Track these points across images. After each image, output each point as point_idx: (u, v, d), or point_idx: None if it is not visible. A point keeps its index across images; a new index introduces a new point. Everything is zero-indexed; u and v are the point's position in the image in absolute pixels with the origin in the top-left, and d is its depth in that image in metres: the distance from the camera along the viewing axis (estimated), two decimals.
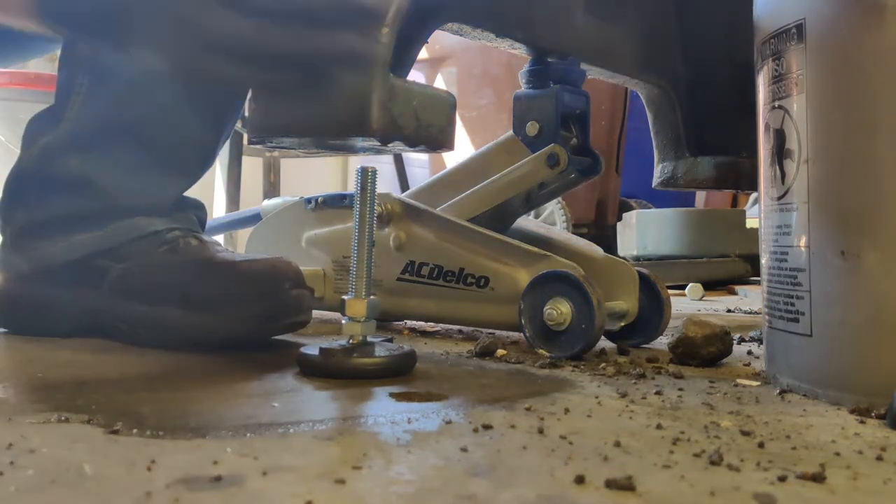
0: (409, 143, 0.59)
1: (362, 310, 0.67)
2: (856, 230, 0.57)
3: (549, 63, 0.90)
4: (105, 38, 0.82)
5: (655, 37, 1.01)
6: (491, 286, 0.86)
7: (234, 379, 0.65)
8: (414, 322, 1.04)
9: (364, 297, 0.67)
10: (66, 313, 0.85)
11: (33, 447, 0.43)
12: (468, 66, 2.43)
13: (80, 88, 0.85)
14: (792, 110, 0.62)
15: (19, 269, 0.87)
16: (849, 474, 0.42)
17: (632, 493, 0.38)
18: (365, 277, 0.67)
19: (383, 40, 0.55)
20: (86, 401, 0.55)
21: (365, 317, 0.67)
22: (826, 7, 0.59)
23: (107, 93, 0.84)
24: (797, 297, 0.61)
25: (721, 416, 0.55)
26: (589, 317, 0.76)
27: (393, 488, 0.38)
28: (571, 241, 0.94)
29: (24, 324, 0.87)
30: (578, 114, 0.93)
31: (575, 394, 0.61)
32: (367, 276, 0.67)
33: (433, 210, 0.91)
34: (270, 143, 0.59)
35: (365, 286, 0.67)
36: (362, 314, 0.67)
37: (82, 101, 0.85)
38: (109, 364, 0.70)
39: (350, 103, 0.55)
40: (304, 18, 0.60)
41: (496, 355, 0.78)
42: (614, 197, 2.47)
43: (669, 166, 1.07)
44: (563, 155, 0.87)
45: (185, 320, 0.77)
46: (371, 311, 0.67)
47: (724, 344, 0.77)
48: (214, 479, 0.38)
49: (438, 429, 0.50)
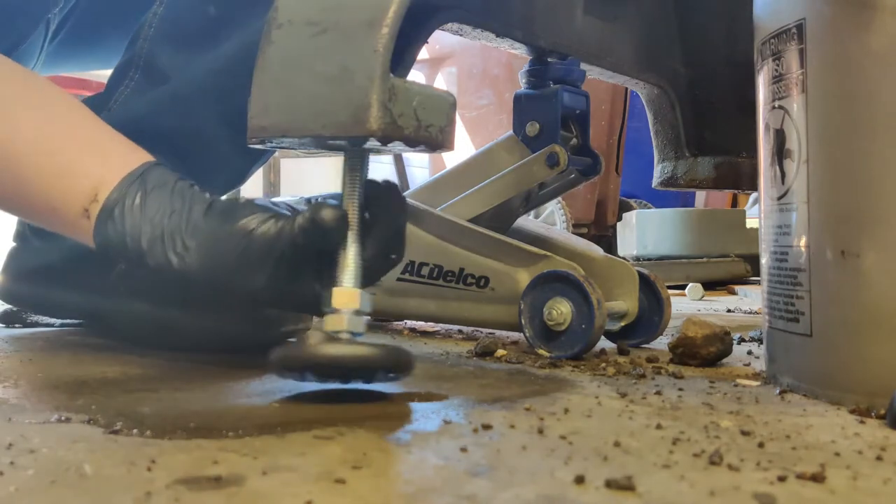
0: (408, 144, 0.59)
1: (348, 300, 0.57)
2: (856, 230, 0.57)
3: (549, 63, 0.90)
4: (168, 39, 0.84)
5: (655, 37, 1.01)
6: (491, 286, 0.86)
7: (234, 379, 0.65)
8: (414, 322, 1.04)
9: (350, 287, 0.58)
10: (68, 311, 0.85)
11: (33, 447, 0.43)
12: (468, 66, 2.43)
13: (129, 82, 0.85)
14: (792, 110, 0.62)
15: (26, 264, 0.87)
16: (849, 474, 0.42)
17: (632, 493, 0.38)
18: (352, 266, 0.59)
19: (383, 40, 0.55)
20: (86, 401, 0.55)
21: (352, 308, 0.57)
22: (826, 7, 0.59)
23: (153, 94, 0.85)
24: (797, 297, 0.61)
25: (721, 416, 0.55)
26: (589, 317, 0.76)
27: (393, 488, 0.38)
28: (571, 241, 0.94)
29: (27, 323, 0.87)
30: (578, 114, 0.93)
31: (575, 394, 0.61)
32: (356, 263, 0.59)
33: (433, 210, 0.91)
34: (270, 143, 0.59)
35: (352, 275, 0.58)
36: (349, 305, 0.57)
37: (128, 95, 0.85)
38: (110, 364, 0.70)
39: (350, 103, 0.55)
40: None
41: (496, 355, 0.78)
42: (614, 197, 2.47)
43: (669, 166, 1.07)
44: (563, 155, 0.87)
45: (187, 322, 0.77)
46: (361, 303, 0.58)
47: (724, 344, 0.77)
48: (214, 479, 0.38)
49: (438, 429, 0.50)
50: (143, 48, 0.85)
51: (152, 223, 0.59)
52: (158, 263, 0.59)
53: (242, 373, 0.67)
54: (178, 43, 0.85)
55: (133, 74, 0.86)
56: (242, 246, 0.58)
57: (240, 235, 0.58)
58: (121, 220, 0.60)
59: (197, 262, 0.59)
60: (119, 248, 0.60)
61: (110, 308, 0.82)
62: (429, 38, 0.72)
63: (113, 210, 0.60)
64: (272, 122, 0.57)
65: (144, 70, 0.85)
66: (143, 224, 0.59)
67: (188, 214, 0.59)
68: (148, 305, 0.79)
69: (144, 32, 0.85)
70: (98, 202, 0.60)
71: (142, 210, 0.59)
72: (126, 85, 0.86)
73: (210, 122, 0.83)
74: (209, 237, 0.58)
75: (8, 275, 0.89)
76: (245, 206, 0.60)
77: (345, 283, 0.58)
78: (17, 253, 0.89)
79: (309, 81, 0.56)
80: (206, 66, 0.83)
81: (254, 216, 0.59)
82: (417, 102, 0.57)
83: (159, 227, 0.59)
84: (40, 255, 0.86)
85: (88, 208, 0.60)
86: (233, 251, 0.58)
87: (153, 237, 0.59)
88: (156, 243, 0.59)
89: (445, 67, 2.48)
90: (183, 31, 0.85)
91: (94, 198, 0.60)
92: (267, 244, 0.58)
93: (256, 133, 0.58)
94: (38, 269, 0.86)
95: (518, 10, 0.82)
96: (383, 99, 0.55)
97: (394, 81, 0.55)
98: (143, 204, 0.60)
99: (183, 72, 0.84)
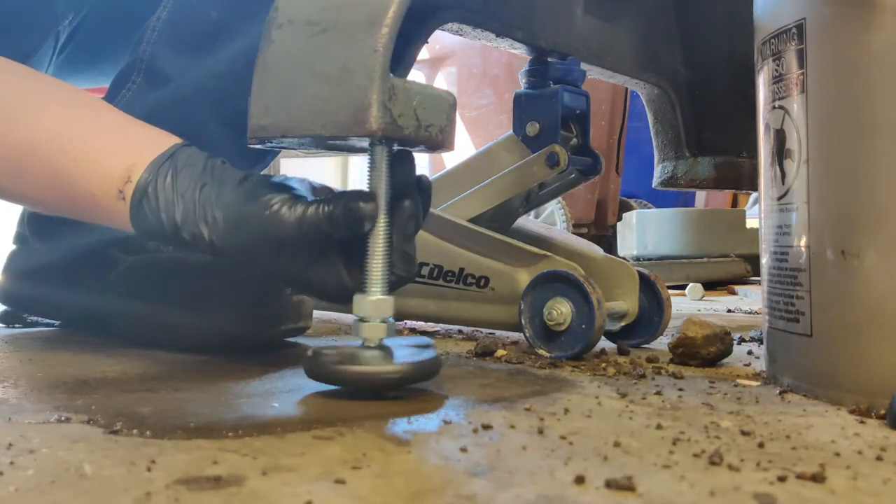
0: (408, 143, 0.59)
1: (372, 309, 0.59)
2: (856, 230, 0.57)
3: (549, 63, 0.90)
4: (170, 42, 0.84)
5: (655, 36, 1.01)
6: (491, 286, 0.86)
7: (234, 379, 0.65)
8: (414, 322, 1.04)
9: (378, 295, 0.59)
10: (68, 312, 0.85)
11: (33, 447, 0.43)
12: (468, 66, 2.43)
13: (131, 85, 0.86)
14: (792, 110, 0.62)
15: (26, 265, 0.87)
16: (849, 474, 0.42)
17: (632, 493, 0.38)
18: (381, 271, 0.59)
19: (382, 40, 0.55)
20: (86, 401, 0.55)
21: (376, 317, 0.59)
22: (826, 7, 0.59)
23: (154, 96, 0.85)
24: (797, 298, 0.61)
25: (721, 416, 0.55)
26: (589, 317, 0.76)
27: (392, 488, 0.38)
28: (571, 241, 0.94)
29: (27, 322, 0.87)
30: (579, 114, 0.93)
31: (575, 394, 0.61)
32: (385, 270, 0.59)
33: (433, 210, 0.91)
34: (270, 142, 0.59)
35: (380, 282, 0.59)
36: (374, 314, 0.59)
37: (130, 98, 0.86)
38: (109, 364, 0.70)
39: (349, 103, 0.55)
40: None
41: (496, 355, 0.78)
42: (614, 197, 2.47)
43: (669, 166, 1.06)
44: (563, 155, 0.87)
45: (186, 321, 0.77)
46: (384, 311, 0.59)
47: (725, 344, 0.77)
48: (214, 479, 0.38)
49: (438, 429, 0.50)
50: (145, 52, 0.86)
51: (184, 198, 0.60)
52: (192, 235, 0.60)
53: (242, 373, 0.67)
54: (181, 46, 0.85)
55: (135, 78, 0.86)
56: (267, 224, 0.58)
57: (266, 214, 0.58)
58: (154, 197, 0.61)
59: (224, 235, 0.59)
60: (155, 226, 0.61)
61: (110, 308, 0.82)
62: (429, 37, 0.72)
63: (146, 189, 0.61)
64: (272, 122, 0.57)
65: (146, 73, 0.85)
66: (175, 199, 0.60)
67: (219, 188, 0.60)
68: (148, 305, 0.79)
69: (147, 36, 0.86)
70: (132, 183, 0.61)
71: (174, 187, 0.61)
72: (128, 88, 0.86)
73: (211, 125, 0.83)
74: (236, 212, 0.59)
75: (8, 276, 0.89)
76: (277, 185, 0.60)
77: (373, 291, 0.59)
78: (16, 255, 0.90)
79: (309, 81, 0.56)
80: (208, 70, 0.84)
81: (283, 196, 0.59)
82: (417, 102, 0.57)
83: (191, 200, 0.60)
84: (40, 256, 0.87)
85: (123, 189, 0.62)
86: (257, 229, 0.59)
87: (185, 210, 0.60)
88: (188, 216, 0.60)
89: (445, 67, 2.48)
90: (185, 35, 0.86)
91: (128, 179, 0.62)
92: (293, 226, 0.58)
93: (256, 133, 0.58)
94: (37, 270, 0.86)
95: (518, 9, 0.82)
96: (383, 99, 0.54)
97: (394, 81, 0.55)
98: (175, 181, 0.61)
99: (185, 75, 0.84)
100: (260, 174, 0.64)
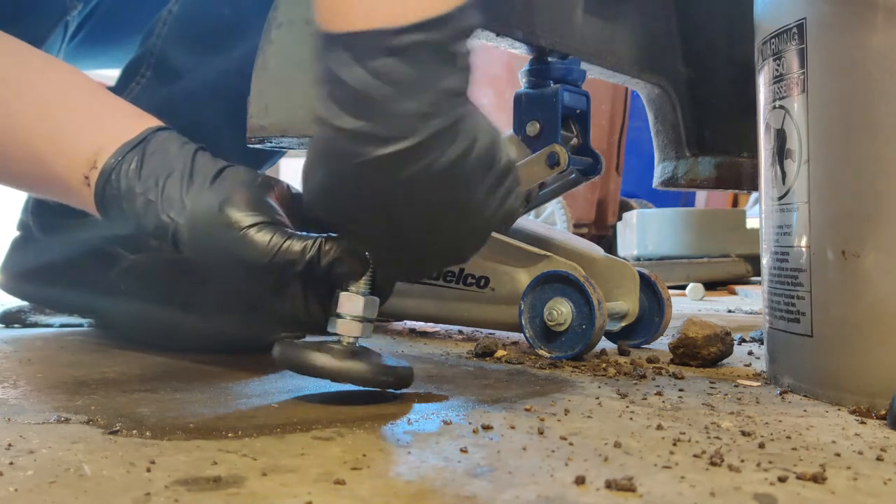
0: None
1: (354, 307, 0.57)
2: (856, 230, 0.57)
3: (550, 62, 0.90)
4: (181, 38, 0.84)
5: (656, 36, 1.01)
6: (491, 286, 0.86)
7: (234, 379, 0.65)
8: (414, 322, 1.04)
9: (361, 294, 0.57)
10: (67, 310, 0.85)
11: (33, 447, 0.43)
12: None
13: (140, 79, 0.85)
14: (792, 110, 0.61)
15: (28, 260, 0.87)
16: (849, 475, 0.42)
17: (632, 494, 0.38)
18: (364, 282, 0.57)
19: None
20: (85, 401, 0.55)
21: (358, 316, 0.57)
22: (826, 7, 0.59)
23: (163, 92, 0.84)
24: (798, 298, 0.61)
25: (721, 416, 0.55)
26: (589, 317, 0.76)
27: (392, 489, 0.38)
28: (571, 241, 0.94)
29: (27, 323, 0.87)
30: (579, 113, 0.92)
31: (575, 394, 0.61)
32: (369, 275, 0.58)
33: None
34: (270, 142, 0.59)
35: (364, 283, 0.57)
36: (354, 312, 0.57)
37: (139, 92, 0.85)
38: (109, 364, 0.70)
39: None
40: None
41: (496, 356, 0.78)
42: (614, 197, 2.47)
43: (670, 166, 1.06)
44: (563, 154, 0.87)
45: (186, 322, 0.77)
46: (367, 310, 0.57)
47: (725, 344, 0.77)
48: (214, 480, 0.38)
49: (438, 429, 0.50)
50: (155, 45, 0.85)
51: (146, 185, 0.56)
52: (156, 227, 0.56)
53: (242, 373, 0.67)
54: (192, 43, 0.85)
55: (144, 71, 0.85)
56: (234, 244, 0.54)
57: (235, 235, 0.54)
58: (117, 184, 0.57)
59: (187, 238, 0.56)
60: (117, 214, 0.58)
61: (110, 307, 0.82)
62: None
63: (110, 175, 0.58)
64: (272, 122, 0.57)
65: (156, 68, 0.85)
66: (136, 186, 0.57)
67: (189, 179, 0.56)
68: (148, 305, 0.79)
69: (158, 30, 0.85)
70: (97, 168, 0.59)
71: (138, 173, 0.57)
72: (137, 81, 0.86)
73: (220, 124, 0.83)
74: (204, 217, 0.55)
75: (9, 271, 0.89)
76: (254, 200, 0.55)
77: (351, 289, 0.57)
78: (18, 247, 0.89)
79: (308, 81, 0.56)
80: (219, 68, 0.83)
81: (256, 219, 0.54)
82: None
83: (153, 189, 0.56)
84: (42, 250, 0.86)
85: (88, 175, 0.59)
86: (219, 244, 0.54)
87: (147, 201, 0.56)
88: (150, 206, 0.56)
89: None
90: (197, 32, 0.85)
91: (94, 164, 0.59)
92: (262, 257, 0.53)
93: (256, 132, 0.58)
94: (39, 266, 0.86)
95: (518, 9, 0.82)
96: None
97: None
98: (140, 167, 0.57)
99: (195, 72, 0.84)
100: (239, 168, 0.59)
